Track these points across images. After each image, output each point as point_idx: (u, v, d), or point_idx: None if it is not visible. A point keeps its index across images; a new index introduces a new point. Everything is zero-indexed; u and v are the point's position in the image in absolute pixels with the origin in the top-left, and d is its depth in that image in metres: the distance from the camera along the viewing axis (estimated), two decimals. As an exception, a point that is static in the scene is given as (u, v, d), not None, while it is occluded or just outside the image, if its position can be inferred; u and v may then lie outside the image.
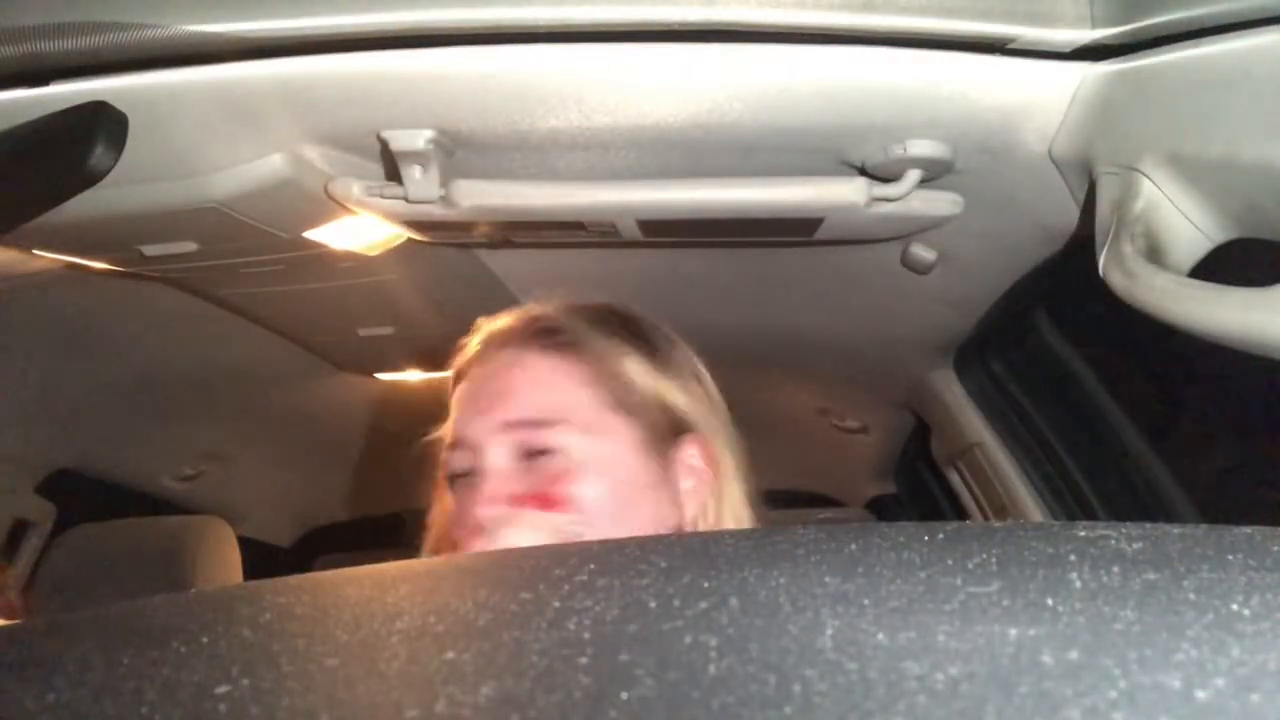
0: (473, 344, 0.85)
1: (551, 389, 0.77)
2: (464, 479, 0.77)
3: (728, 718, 0.22)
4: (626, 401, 0.78)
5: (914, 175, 0.84)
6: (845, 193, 0.87)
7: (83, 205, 0.80)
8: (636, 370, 0.80)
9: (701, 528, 0.79)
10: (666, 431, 0.79)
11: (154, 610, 0.35)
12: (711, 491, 0.80)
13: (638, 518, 0.74)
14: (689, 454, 0.79)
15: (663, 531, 0.76)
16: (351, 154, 0.87)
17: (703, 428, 0.81)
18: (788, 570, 0.32)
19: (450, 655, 0.27)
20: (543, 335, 0.80)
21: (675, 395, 0.81)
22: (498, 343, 0.82)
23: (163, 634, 0.31)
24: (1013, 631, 0.25)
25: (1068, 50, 0.65)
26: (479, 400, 0.78)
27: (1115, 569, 0.30)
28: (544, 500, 0.72)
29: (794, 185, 0.88)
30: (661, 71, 0.72)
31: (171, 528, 1.74)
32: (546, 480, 0.72)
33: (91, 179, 0.74)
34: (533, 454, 0.74)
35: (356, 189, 0.89)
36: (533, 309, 0.84)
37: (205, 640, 0.30)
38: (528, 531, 0.71)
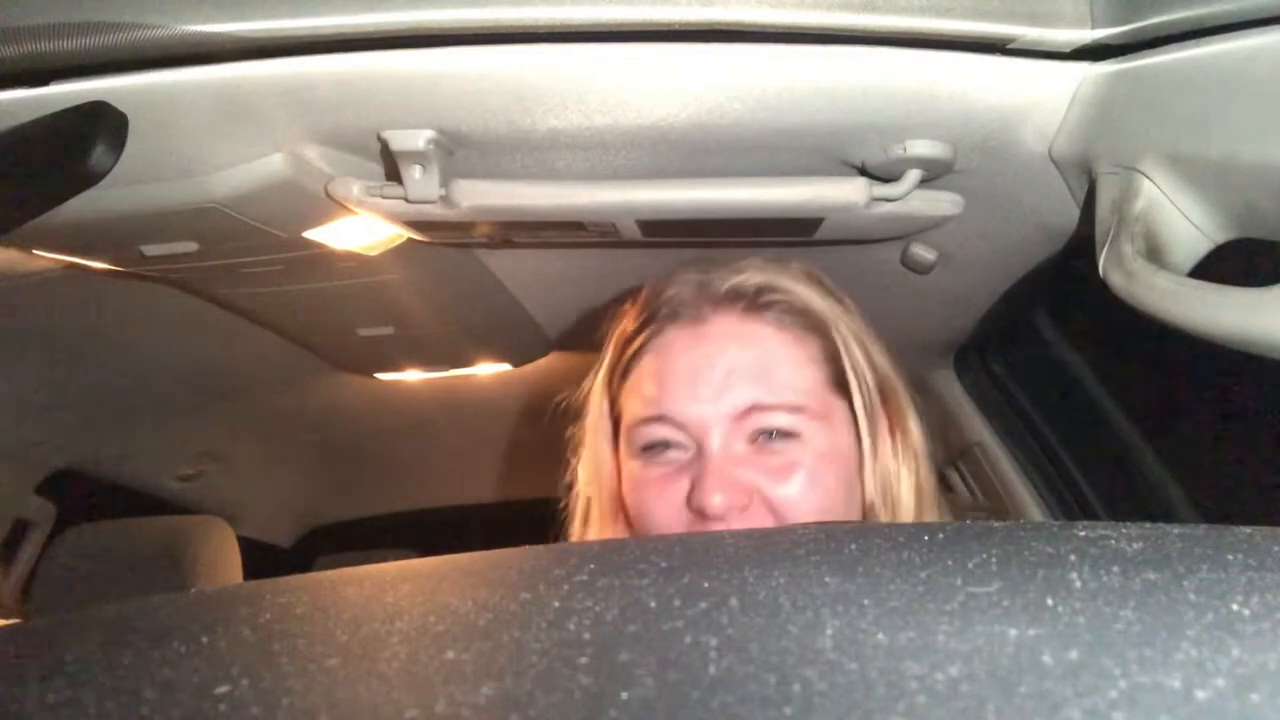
0: (669, 300, 0.77)
1: (786, 367, 0.73)
2: (662, 453, 0.73)
3: (728, 718, 0.22)
4: (844, 379, 0.75)
5: (914, 175, 0.84)
6: (845, 193, 0.87)
7: (83, 205, 0.80)
8: (851, 341, 0.76)
9: (882, 509, 0.76)
10: (876, 406, 0.76)
11: (154, 610, 0.35)
12: (896, 466, 0.76)
13: (844, 504, 0.73)
14: (882, 441, 0.76)
15: (853, 514, 0.74)
16: (351, 154, 0.87)
17: (902, 409, 0.78)
18: (788, 570, 0.32)
19: (450, 655, 0.27)
20: (764, 304, 0.76)
21: (885, 376, 0.77)
22: (709, 306, 0.76)
23: (163, 634, 0.31)
24: (1013, 631, 0.25)
25: (1068, 50, 0.65)
26: (702, 373, 0.72)
27: (1115, 569, 0.30)
28: (781, 478, 0.70)
29: (794, 185, 0.88)
30: (661, 71, 0.72)
31: (171, 528, 1.73)
32: (781, 470, 0.70)
33: (91, 179, 0.74)
34: (765, 437, 0.71)
35: (356, 189, 0.89)
36: (739, 268, 0.78)
37: (205, 640, 0.30)
38: (744, 517, 0.69)
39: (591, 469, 0.83)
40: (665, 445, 0.74)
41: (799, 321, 0.76)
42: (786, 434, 0.72)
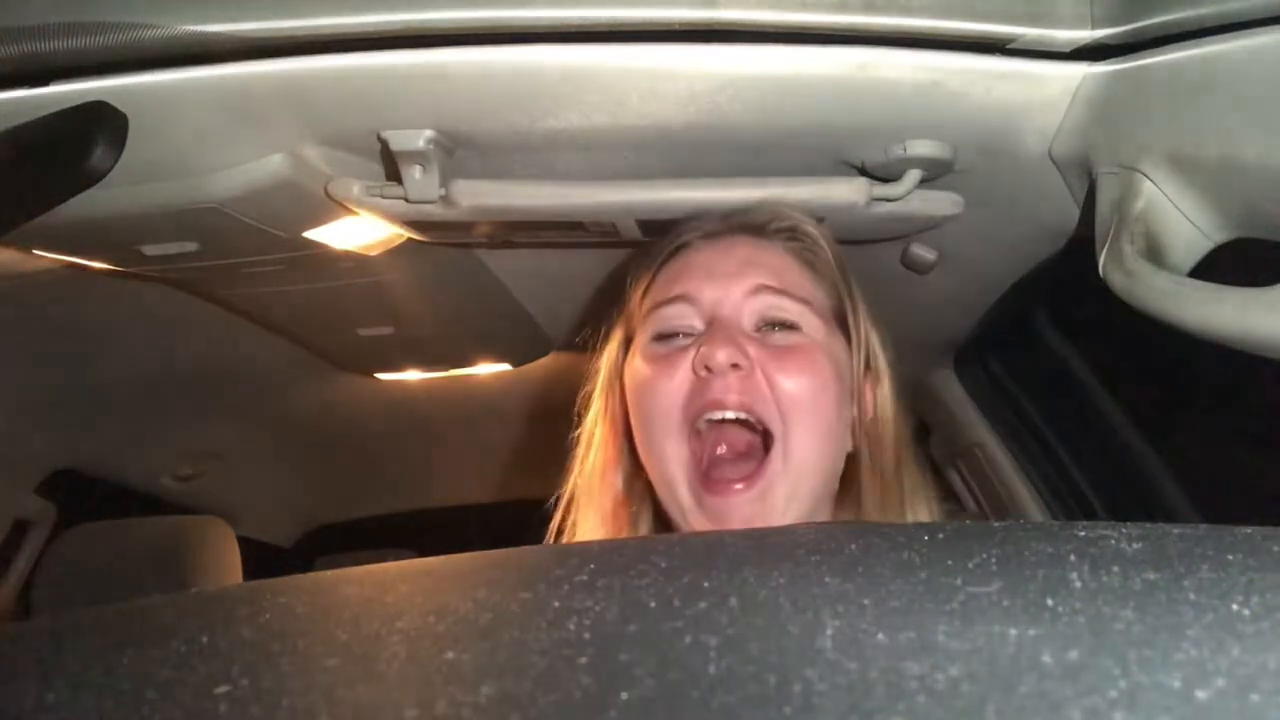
0: (688, 228, 0.86)
1: (797, 274, 0.81)
2: (674, 342, 0.79)
3: (728, 718, 0.22)
4: (845, 322, 0.83)
5: (914, 175, 0.84)
6: (845, 193, 0.87)
7: (83, 205, 0.80)
8: (859, 296, 0.85)
9: (863, 437, 0.83)
10: (865, 358, 0.84)
11: (154, 610, 0.35)
12: (871, 435, 0.83)
13: (829, 424, 0.77)
14: (869, 388, 0.85)
15: (839, 451, 0.80)
16: (351, 154, 0.87)
17: (883, 375, 0.86)
18: (788, 570, 0.32)
19: (450, 655, 0.27)
20: (786, 233, 0.84)
21: (877, 336, 0.87)
22: (736, 227, 0.85)
23: (163, 634, 0.31)
24: (1013, 631, 0.25)
25: (1068, 50, 0.65)
26: (719, 266, 0.80)
27: (1115, 569, 0.30)
28: (782, 359, 0.75)
29: (794, 185, 0.88)
30: (661, 72, 0.72)
31: (171, 528, 1.73)
32: (784, 351, 0.76)
33: (91, 179, 0.74)
34: (773, 324, 0.79)
35: (356, 189, 0.89)
36: (770, 207, 0.86)
37: (205, 640, 0.30)
38: (743, 396, 0.74)
39: (598, 391, 0.90)
40: (676, 334, 0.80)
41: (808, 249, 0.85)
42: (792, 325, 0.79)
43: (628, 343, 0.88)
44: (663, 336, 0.80)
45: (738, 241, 0.83)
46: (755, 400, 0.75)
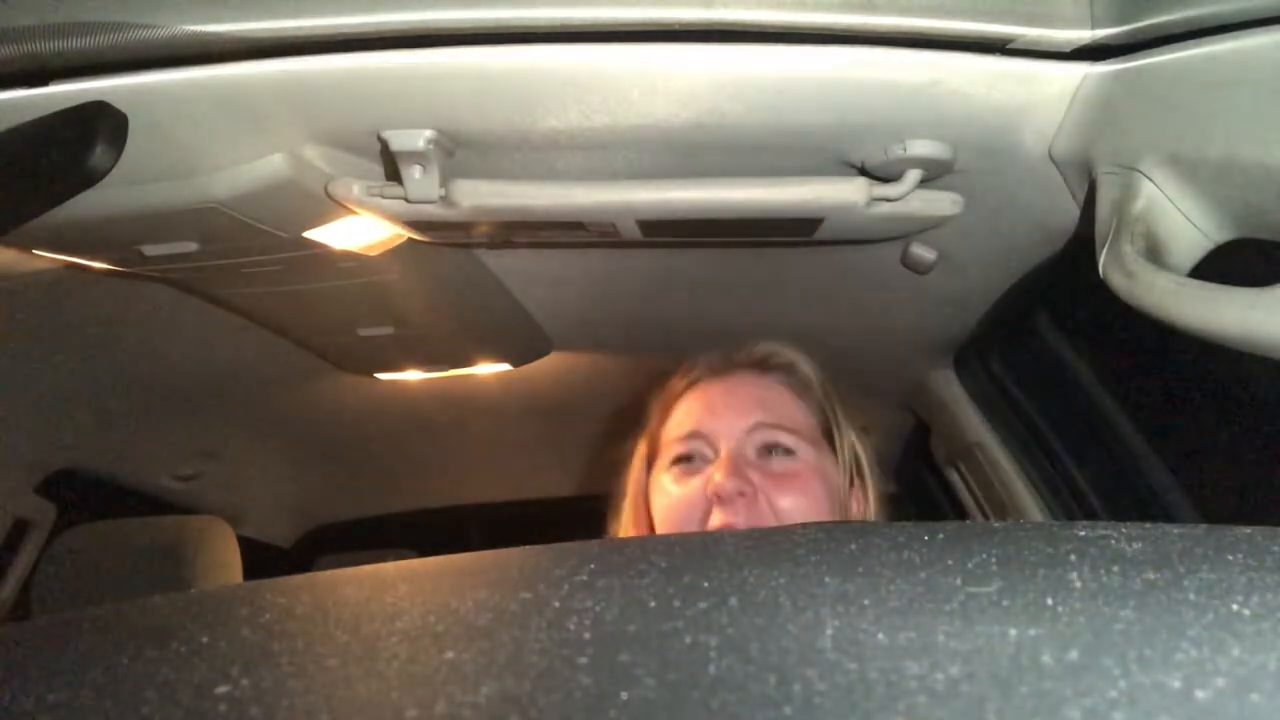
0: (705, 363, 1.04)
1: (791, 407, 0.97)
2: (690, 464, 0.94)
3: (727, 718, 0.22)
4: (833, 437, 0.98)
5: (914, 175, 0.84)
6: (845, 193, 0.87)
7: (83, 205, 0.80)
8: (843, 417, 1.01)
9: None
10: (851, 472, 0.98)
11: (154, 610, 0.35)
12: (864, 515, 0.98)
13: (829, 518, 0.90)
14: (855, 499, 0.98)
15: None
16: (352, 154, 0.87)
17: (867, 483, 0.99)
18: (788, 570, 0.32)
19: (450, 655, 0.27)
20: (779, 368, 1.01)
21: (861, 448, 1.01)
22: (739, 364, 1.02)
23: (163, 634, 0.31)
24: (1013, 631, 0.25)
25: (1068, 50, 0.65)
26: (723, 403, 0.96)
27: (1115, 569, 0.30)
28: (780, 484, 0.88)
29: (794, 185, 0.88)
30: (661, 71, 0.72)
31: (171, 528, 1.73)
32: (782, 474, 0.89)
33: (91, 179, 0.74)
34: (771, 450, 0.92)
35: (356, 189, 0.89)
36: (766, 345, 1.04)
37: (205, 640, 0.30)
38: (749, 518, 0.86)
39: (627, 500, 1.05)
40: (691, 458, 0.94)
41: (799, 382, 1.00)
42: (787, 450, 0.93)
43: (650, 462, 1.03)
44: (681, 460, 0.95)
45: (741, 379, 0.99)
46: (758, 521, 0.87)
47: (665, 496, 0.94)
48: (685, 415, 0.98)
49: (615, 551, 0.37)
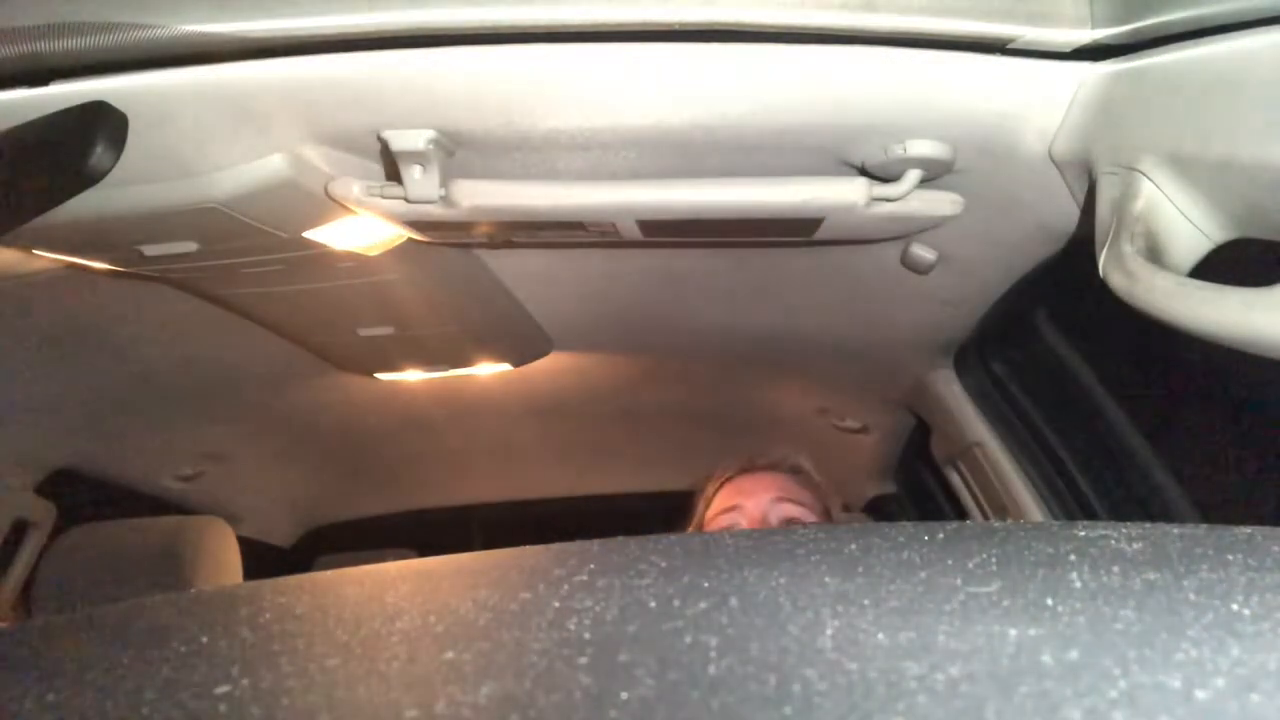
0: (735, 465, 1.38)
1: (801, 492, 1.31)
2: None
3: (728, 718, 0.22)
4: (824, 505, 1.33)
5: (914, 175, 0.84)
6: (845, 193, 0.87)
7: (83, 205, 0.80)
8: (834, 504, 1.37)
9: None
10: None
11: (154, 610, 0.35)
12: None
13: None
14: None
15: None
16: (352, 154, 0.87)
17: None
18: (788, 570, 0.32)
19: (450, 655, 0.27)
20: (795, 470, 1.36)
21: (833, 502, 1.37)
22: (763, 466, 1.36)
23: (163, 634, 0.31)
24: (1013, 631, 0.25)
25: (1068, 50, 0.65)
26: (751, 485, 1.31)
27: (1115, 569, 0.30)
28: None
29: (794, 185, 0.88)
30: (661, 71, 0.72)
31: (171, 528, 1.73)
32: None
33: (92, 179, 0.74)
34: (788, 520, 1.25)
35: (357, 189, 0.89)
36: (778, 451, 1.39)
37: (205, 640, 0.30)
38: None
39: None
40: (731, 528, 1.27)
41: (806, 478, 1.36)
42: (798, 519, 1.25)
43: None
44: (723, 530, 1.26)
45: (763, 474, 1.33)
46: None
47: None
48: (725, 497, 1.31)
49: (615, 552, 0.37)
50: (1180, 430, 1.36)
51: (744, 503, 1.29)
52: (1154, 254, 0.63)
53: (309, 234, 0.99)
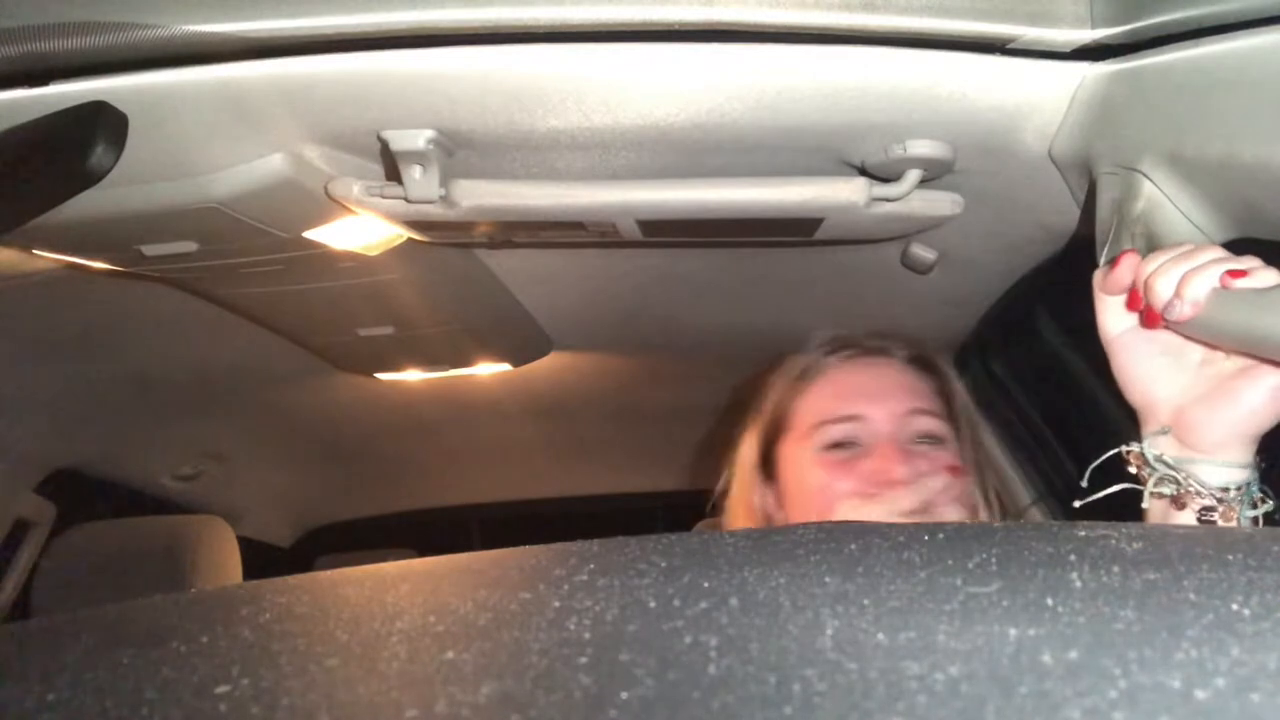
0: (838, 343, 1.03)
1: (935, 398, 1.00)
2: (844, 450, 0.94)
3: (728, 718, 0.22)
4: (959, 420, 1.01)
5: (914, 175, 0.84)
6: (845, 192, 0.87)
7: (83, 205, 0.80)
8: (959, 387, 1.05)
9: (985, 513, 1.00)
10: (969, 435, 1.01)
11: (154, 610, 0.35)
12: (984, 485, 1.00)
13: (968, 499, 0.94)
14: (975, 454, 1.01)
15: (970, 508, 0.96)
16: (352, 154, 0.87)
17: (986, 475, 1.03)
18: (788, 570, 0.32)
19: (450, 655, 0.27)
20: (919, 360, 1.03)
21: (985, 442, 1.07)
22: (874, 351, 1.02)
23: (163, 634, 0.31)
24: (1013, 631, 0.25)
25: (1068, 50, 0.65)
26: (877, 387, 0.97)
27: (1115, 569, 0.30)
28: (954, 470, 0.92)
29: (794, 185, 0.88)
30: (661, 71, 0.72)
31: (171, 527, 1.73)
32: (944, 461, 0.93)
33: (91, 179, 0.74)
34: (924, 439, 0.95)
35: (356, 189, 0.89)
36: (902, 336, 1.05)
37: (205, 640, 0.30)
38: (944, 491, 0.90)
39: (736, 495, 1.07)
40: (846, 444, 0.94)
41: (939, 379, 1.03)
42: (936, 438, 0.96)
43: (768, 444, 1.03)
44: (835, 446, 0.95)
45: (882, 364, 1.01)
46: (917, 508, 0.90)
47: (818, 481, 0.94)
48: (834, 397, 0.97)
49: (615, 551, 0.37)
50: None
51: (869, 411, 0.94)
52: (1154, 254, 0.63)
53: (309, 234, 0.99)
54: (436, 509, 2.70)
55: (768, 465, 1.03)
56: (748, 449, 1.06)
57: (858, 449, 0.94)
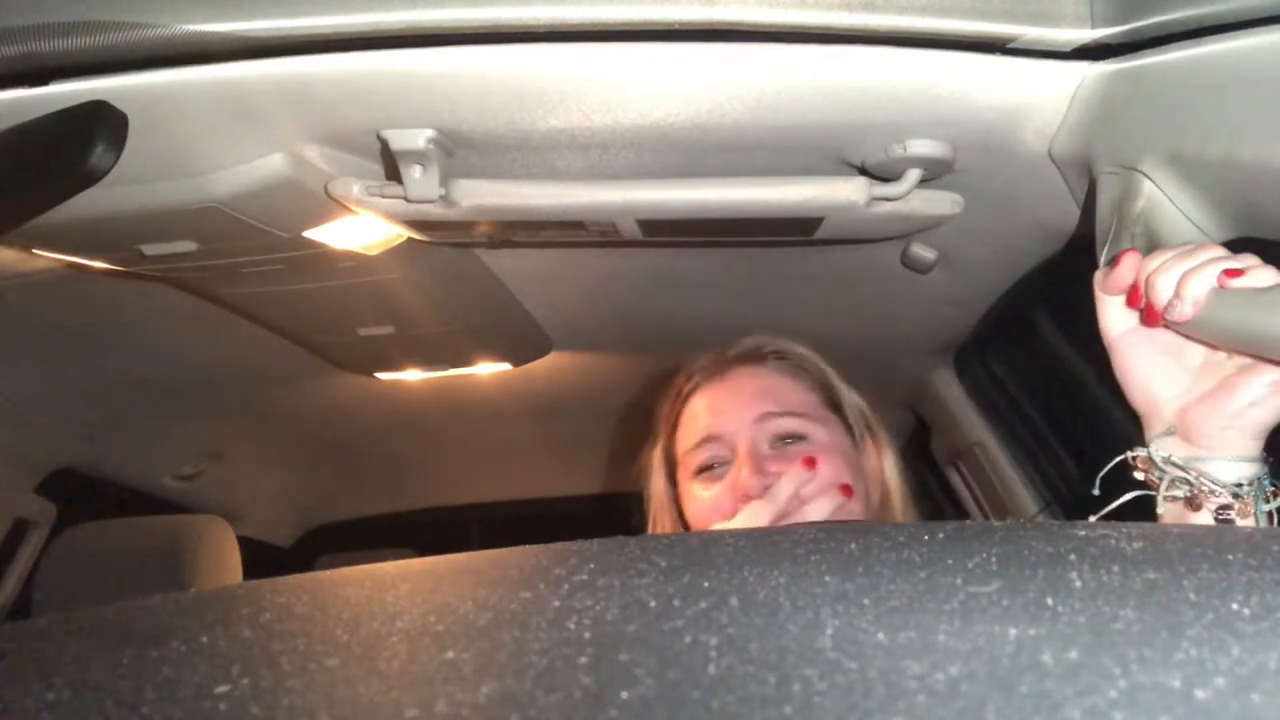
0: (700, 366, 1.04)
1: (791, 391, 0.98)
2: (713, 471, 0.96)
3: (728, 717, 0.22)
4: (835, 400, 1.00)
5: (914, 174, 0.84)
6: (845, 192, 0.87)
7: (83, 205, 0.80)
8: (840, 382, 1.02)
9: (878, 503, 0.99)
10: (863, 430, 1.01)
11: (154, 610, 0.35)
12: (879, 494, 1.00)
13: (855, 494, 0.93)
14: (871, 458, 1.01)
15: (865, 512, 0.96)
16: (352, 154, 0.87)
17: (879, 435, 1.03)
18: (788, 570, 0.32)
19: (450, 655, 0.27)
20: (771, 355, 1.02)
21: (864, 405, 1.03)
22: (733, 360, 1.02)
23: (163, 634, 0.31)
24: (1013, 631, 0.25)
25: (1068, 50, 0.65)
26: (727, 401, 0.98)
27: (1115, 568, 0.30)
28: (810, 462, 0.91)
29: (794, 185, 0.88)
30: (661, 71, 0.72)
31: (171, 527, 1.73)
32: (799, 458, 0.92)
33: (91, 178, 0.74)
34: (784, 439, 0.94)
35: (356, 188, 0.89)
36: (754, 338, 1.05)
37: (205, 640, 0.30)
38: (805, 485, 0.89)
39: (652, 515, 1.10)
40: (712, 465, 0.96)
41: (793, 365, 1.01)
42: (797, 435, 0.94)
43: (671, 473, 1.05)
44: (704, 469, 0.97)
45: (739, 374, 1.00)
46: (788, 509, 0.89)
47: (697, 503, 0.97)
48: (694, 422, 1.00)
49: (615, 551, 0.37)
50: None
51: (721, 431, 0.95)
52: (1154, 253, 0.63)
53: (309, 233, 0.99)
54: (436, 509, 2.70)
55: (676, 502, 1.05)
56: (657, 483, 1.09)
57: (724, 468, 0.95)
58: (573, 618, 0.29)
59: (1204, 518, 0.59)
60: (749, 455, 0.92)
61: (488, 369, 1.70)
